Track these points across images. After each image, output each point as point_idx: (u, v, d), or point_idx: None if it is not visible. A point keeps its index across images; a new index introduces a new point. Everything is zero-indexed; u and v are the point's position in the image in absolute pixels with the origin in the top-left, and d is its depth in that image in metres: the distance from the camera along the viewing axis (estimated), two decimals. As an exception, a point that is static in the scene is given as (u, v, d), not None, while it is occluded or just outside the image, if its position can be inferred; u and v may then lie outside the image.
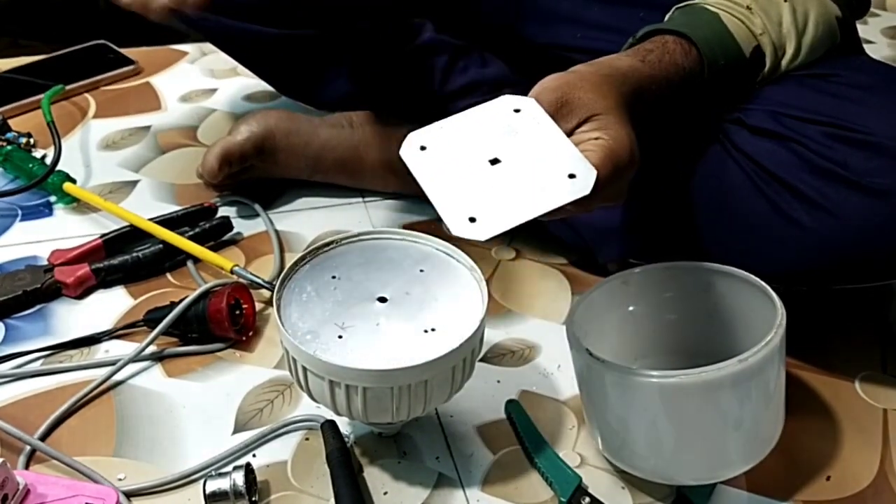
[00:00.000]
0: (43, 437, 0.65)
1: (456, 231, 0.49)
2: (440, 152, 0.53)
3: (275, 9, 0.90)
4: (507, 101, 0.55)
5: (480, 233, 0.49)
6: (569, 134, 0.55)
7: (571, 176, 0.50)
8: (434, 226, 0.90)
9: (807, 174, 0.65)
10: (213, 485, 0.60)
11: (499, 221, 0.49)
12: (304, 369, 0.57)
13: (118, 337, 0.75)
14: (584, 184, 0.50)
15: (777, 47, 0.69)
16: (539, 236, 0.88)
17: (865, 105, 0.65)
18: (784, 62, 0.70)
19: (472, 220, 0.50)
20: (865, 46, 0.82)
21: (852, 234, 0.63)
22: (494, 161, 0.52)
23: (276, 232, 0.88)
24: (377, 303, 0.60)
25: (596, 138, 0.54)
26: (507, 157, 0.52)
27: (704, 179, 0.71)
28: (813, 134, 0.65)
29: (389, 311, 0.59)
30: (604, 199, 0.55)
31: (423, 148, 0.54)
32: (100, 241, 0.83)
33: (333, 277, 0.62)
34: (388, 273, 0.62)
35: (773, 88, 0.70)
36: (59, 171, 0.91)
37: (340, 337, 0.57)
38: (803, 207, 0.65)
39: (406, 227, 0.89)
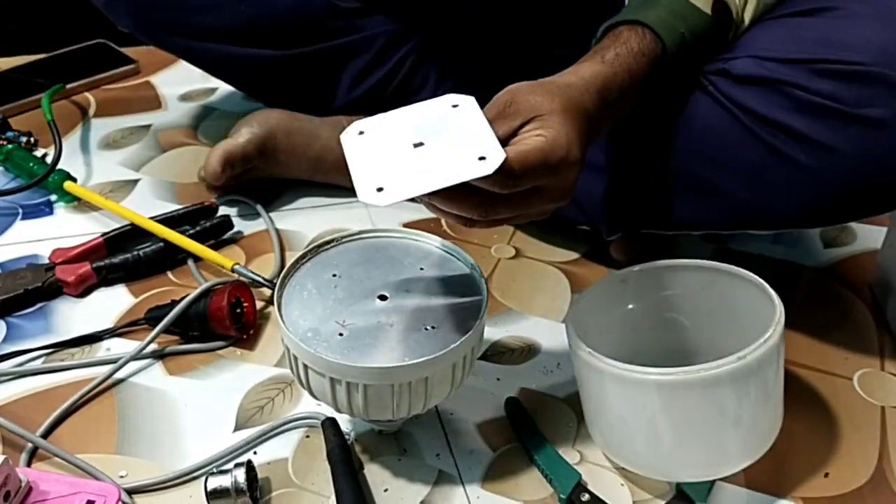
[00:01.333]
0: (45, 435, 0.66)
1: (362, 197, 0.52)
2: (373, 136, 0.56)
3: (265, 28, 0.90)
4: (448, 99, 0.57)
5: (383, 200, 0.51)
6: (513, 133, 0.56)
7: (481, 158, 0.52)
8: (434, 224, 0.90)
9: (798, 113, 0.64)
10: (215, 482, 0.60)
11: (402, 190, 0.51)
12: (306, 367, 0.57)
13: (119, 335, 0.75)
14: (490, 164, 0.51)
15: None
16: (539, 234, 0.88)
17: (848, 34, 0.63)
18: (752, 5, 0.69)
19: (380, 189, 0.52)
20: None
21: (851, 167, 0.63)
22: (418, 144, 0.54)
23: (277, 230, 0.88)
24: (378, 301, 0.60)
25: (536, 135, 0.55)
26: (430, 141, 0.54)
27: (698, 134, 0.70)
28: (798, 73, 0.64)
29: (390, 308, 0.60)
30: (546, 197, 0.56)
31: (361, 133, 0.57)
32: (101, 239, 0.83)
33: (334, 275, 0.62)
34: (388, 271, 0.62)
35: (753, 34, 0.69)
36: (60, 170, 0.91)
37: (341, 335, 0.58)
38: (800, 146, 0.64)
39: (407, 225, 0.89)
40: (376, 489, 0.63)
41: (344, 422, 0.66)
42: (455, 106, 0.56)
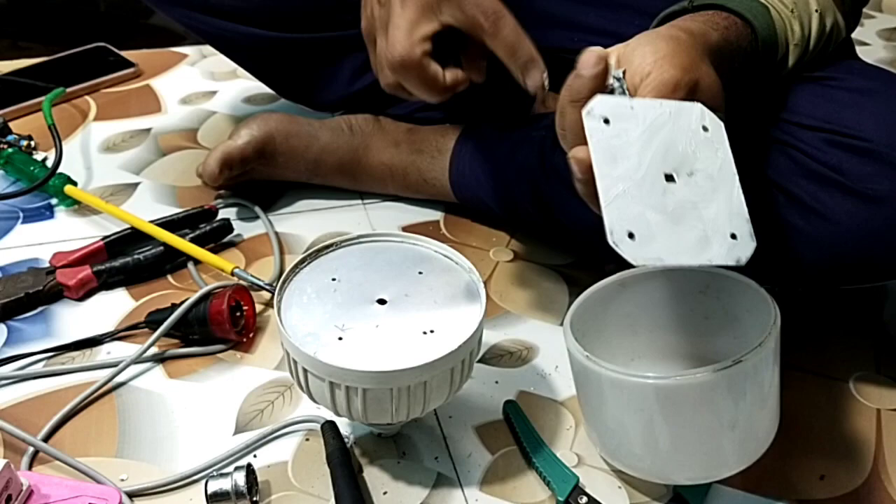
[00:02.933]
0: (46, 438, 0.66)
1: (612, 238, 0.48)
2: (620, 134, 0.50)
3: (273, 12, 0.91)
4: (698, 112, 0.53)
5: (633, 255, 0.47)
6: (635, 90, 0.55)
7: (733, 236, 0.48)
8: (432, 227, 0.91)
9: (802, 179, 0.65)
10: (215, 485, 0.60)
11: (653, 254, 0.47)
12: (305, 371, 0.58)
13: (120, 339, 0.76)
14: (742, 253, 0.48)
15: (799, 58, 0.67)
16: (537, 237, 0.88)
17: (862, 110, 0.65)
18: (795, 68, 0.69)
19: (631, 236, 0.48)
20: (861, 48, 0.83)
21: (847, 238, 0.64)
22: (669, 178, 0.50)
23: (276, 234, 0.89)
24: (377, 304, 0.61)
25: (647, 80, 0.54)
26: (681, 181, 0.50)
27: None
28: (810, 139, 0.65)
29: (389, 312, 0.60)
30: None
31: (606, 121, 0.51)
32: (101, 243, 0.83)
33: (333, 280, 0.62)
34: (387, 275, 0.63)
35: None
36: (61, 174, 0.91)
37: (340, 339, 0.58)
38: (799, 212, 0.65)
39: (405, 229, 0.90)
40: (375, 492, 0.63)
41: (343, 425, 0.67)
42: (705, 129, 0.52)
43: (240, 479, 0.60)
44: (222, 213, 0.90)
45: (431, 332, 0.59)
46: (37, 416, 0.67)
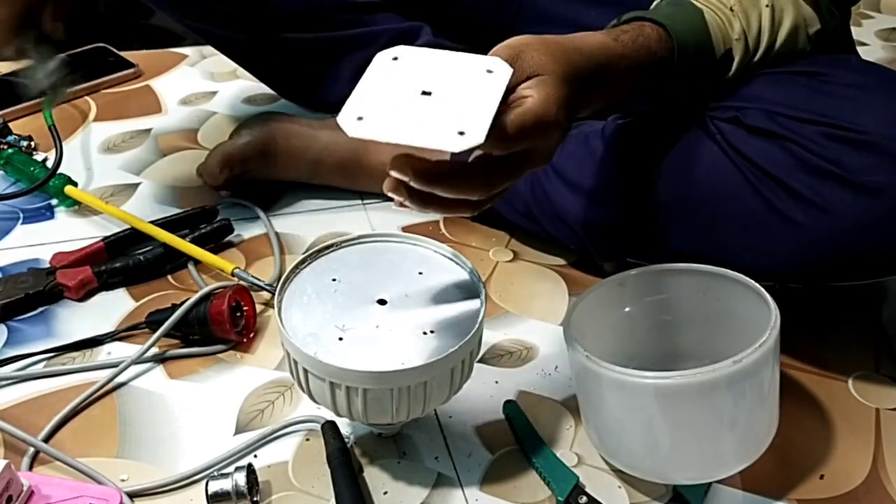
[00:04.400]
0: (46, 439, 0.66)
1: (339, 118, 0.51)
2: (400, 68, 0.55)
3: (272, 16, 0.91)
4: (492, 62, 0.56)
5: (353, 130, 0.50)
6: (513, 88, 0.56)
7: (461, 133, 0.51)
8: (432, 227, 0.91)
9: (802, 173, 0.65)
10: (216, 485, 0.60)
11: (375, 131, 0.50)
12: (305, 371, 0.58)
13: (120, 339, 0.76)
14: (463, 143, 0.50)
15: (747, 51, 0.69)
16: (537, 237, 0.88)
17: (859, 103, 0.65)
18: (748, 64, 0.70)
19: (360, 118, 0.51)
20: (860, 48, 0.83)
21: (847, 231, 0.64)
22: (426, 93, 0.53)
23: (276, 234, 0.89)
24: (377, 305, 0.61)
25: (525, 97, 0.55)
26: (437, 95, 0.53)
27: (699, 178, 0.71)
28: (808, 133, 0.65)
29: (389, 313, 0.60)
30: (532, 161, 0.56)
31: (395, 59, 0.55)
32: (101, 243, 0.84)
33: (333, 280, 0.62)
34: (387, 275, 0.63)
35: (769, 87, 0.70)
36: (61, 175, 0.91)
37: (341, 339, 0.58)
38: (798, 206, 0.65)
39: (405, 229, 0.90)
40: (376, 492, 0.63)
41: (343, 425, 0.67)
42: (490, 71, 0.55)
43: (240, 479, 0.61)
44: (222, 214, 0.90)
45: (431, 332, 0.59)
46: (37, 417, 0.67)
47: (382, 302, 0.61)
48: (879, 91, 0.66)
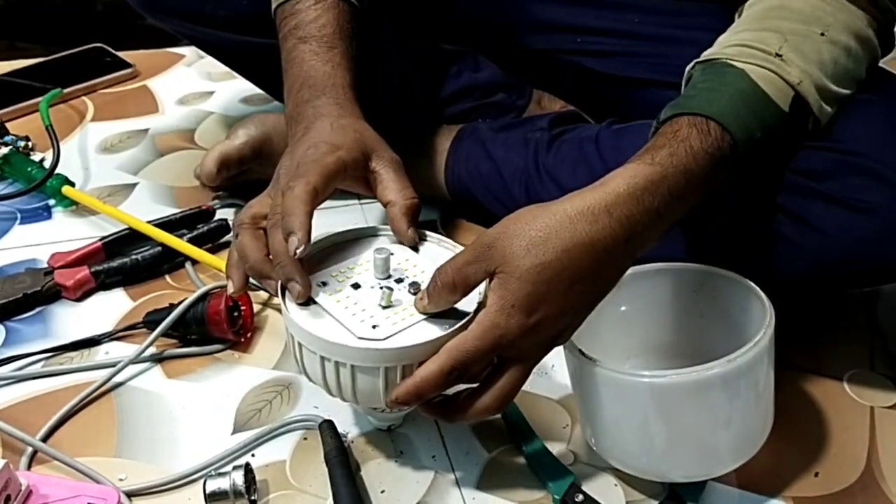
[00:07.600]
0: (44, 439, 0.66)
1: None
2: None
3: (265, 20, 0.91)
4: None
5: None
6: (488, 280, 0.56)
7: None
8: (430, 228, 0.90)
9: (791, 192, 0.66)
10: (213, 484, 0.61)
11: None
12: (300, 346, 0.58)
13: (118, 339, 0.76)
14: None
15: (820, 87, 0.60)
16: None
17: (849, 122, 0.64)
18: (837, 96, 0.62)
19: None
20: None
21: (838, 248, 0.64)
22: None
23: (274, 234, 0.89)
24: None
25: (487, 307, 0.55)
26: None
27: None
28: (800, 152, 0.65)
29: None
30: (518, 361, 0.57)
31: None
32: (99, 243, 0.84)
33: (334, 275, 0.62)
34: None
35: None
36: (58, 175, 0.91)
37: (339, 324, 0.58)
38: (790, 223, 0.66)
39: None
40: (373, 490, 0.64)
41: (341, 424, 0.67)
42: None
43: (238, 478, 0.61)
44: (220, 214, 0.90)
45: (428, 317, 0.59)
46: (35, 417, 0.67)
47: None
48: (873, 110, 0.65)
